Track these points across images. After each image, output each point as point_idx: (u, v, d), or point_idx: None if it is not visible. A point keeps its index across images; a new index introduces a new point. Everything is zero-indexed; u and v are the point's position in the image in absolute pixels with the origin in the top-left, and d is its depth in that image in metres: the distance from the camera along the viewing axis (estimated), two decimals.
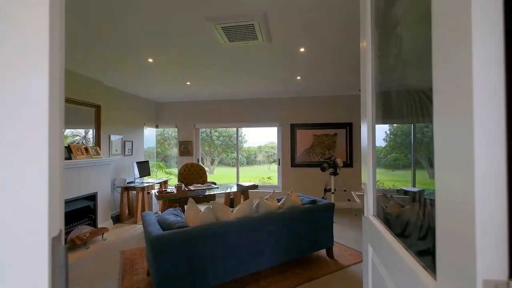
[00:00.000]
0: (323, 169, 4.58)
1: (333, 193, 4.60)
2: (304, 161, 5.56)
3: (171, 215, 2.45)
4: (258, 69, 3.68)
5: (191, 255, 2.01)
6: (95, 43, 2.74)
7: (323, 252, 2.99)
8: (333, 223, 2.97)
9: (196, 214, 2.28)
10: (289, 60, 3.30)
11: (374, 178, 0.89)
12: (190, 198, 2.40)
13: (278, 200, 3.10)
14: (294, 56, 3.15)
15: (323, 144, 5.50)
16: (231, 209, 2.56)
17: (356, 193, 0.95)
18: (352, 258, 2.94)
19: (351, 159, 5.39)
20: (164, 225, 2.22)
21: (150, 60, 3.29)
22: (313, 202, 2.89)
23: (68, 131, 3.92)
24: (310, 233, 2.74)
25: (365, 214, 0.92)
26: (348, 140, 5.41)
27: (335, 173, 4.69)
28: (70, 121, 3.77)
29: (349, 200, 4.88)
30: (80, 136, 4.08)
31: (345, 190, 4.87)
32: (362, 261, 2.83)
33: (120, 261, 2.97)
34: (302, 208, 2.73)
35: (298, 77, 4.15)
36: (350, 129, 5.40)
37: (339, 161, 4.65)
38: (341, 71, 3.79)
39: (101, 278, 2.61)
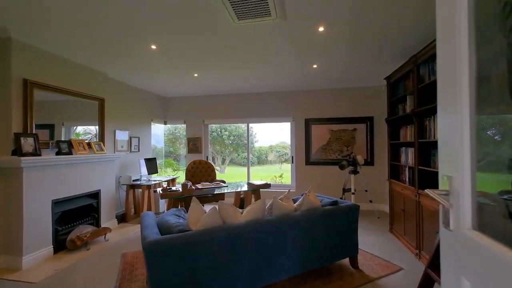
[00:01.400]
0: (341, 167, 4.18)
1: (353, 193, 4.18)
2: (320, 158, 5.16)
3: (172, 217, 2.16)
4: (270, 55, 3.33)
5: (193, 264, 1.70)
6: (94, 27, 2.49)
7: (346, 261, 2.61)
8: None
9: (200, 216, 1.97)
10: (305, 42, 2.93)
11: (473, 175, 0.53)
12: (193, 197, 2.09)
13: (294, 201, 2.75)
14: (311, 37, 2.78)
15: (341, 140, 5.07)
16: (240, 210, 2.23)
17: (435, 191, 0.60)
18: (380, 269, 2.54)
19: (372, 157, 4.93)
20: (163, 228, 1.92)
21: (153, 46, 3.02)
22: (334, 203, 2.51)
23: (80, 129, 3.74)
24: (331, 239, 2.37)
25: (452, 227, 0.57)
26: (368, 136, 4.96)
27: (355, 172, 4.27)
28: (75, 116, 3.57)
29: (371, 201, 4.44)
30: (91, 134, 3.89)
31: (366, 191, 4.43)
32: (393, 273, 2.45)
33: (120, 265, 2.71)
34: (322, 210, 2.36)
35: (315, 65, 3.77)
36: (371, 124, 4.94)
37: (360, 158, 4.23)
38: (364, 56, 3.37)
39: (97, 284, 2.36)
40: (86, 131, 3.86)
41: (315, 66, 3.78)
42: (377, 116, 4.91)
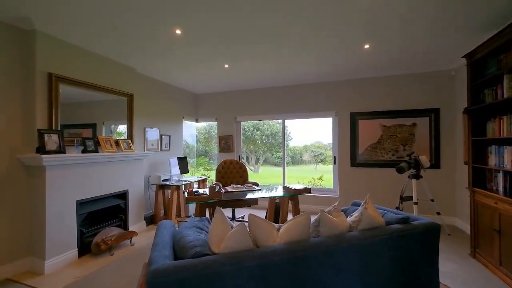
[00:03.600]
0: (400, 170, 3.39)
1: (415, 203, 3.37)
2: (369, 159, 4.38)
3: (192, 230, 1.74)
4: (312, 35, 2.75)
5: None
6: (114, 11, 2.22)
7: None
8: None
9: (225, 233, 1.51)
10: (359, 10, 2.29)
11: None
12: (217, 208, 1.64)
13: (345, 213, 2.15)
14: (368, 2, 2.14)
15: (396, 137, 4.23)
16: (277, 226, 1.72)
17: None
18: None
19: (437, 158, 4.01)
20: (178, 246, 1.51)
21: (178, 31, 2.67)
22: (405, 220, 1.85)
23: (121, 128, 3.63)
24: (401, 273, 1.72)
25: None
26: (433, 132, 4.04)
27: (417, 176, 3.45)
28: (109, 115, 3.44)
29: (438, 213, 3.56)
30: None
31: (432, 200, 3.56)
32: None
33: (139, 278, 2.40)
34: (389, 231, 1.73)
35: (367, 46, 3.07)
36: (436, 117, 4.02)
37: (425, 159, 3.39)
38: (437, 27, 2.59)
39: None
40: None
41: (367, 46, 3.08)
42: (444, 107, 3.98)
